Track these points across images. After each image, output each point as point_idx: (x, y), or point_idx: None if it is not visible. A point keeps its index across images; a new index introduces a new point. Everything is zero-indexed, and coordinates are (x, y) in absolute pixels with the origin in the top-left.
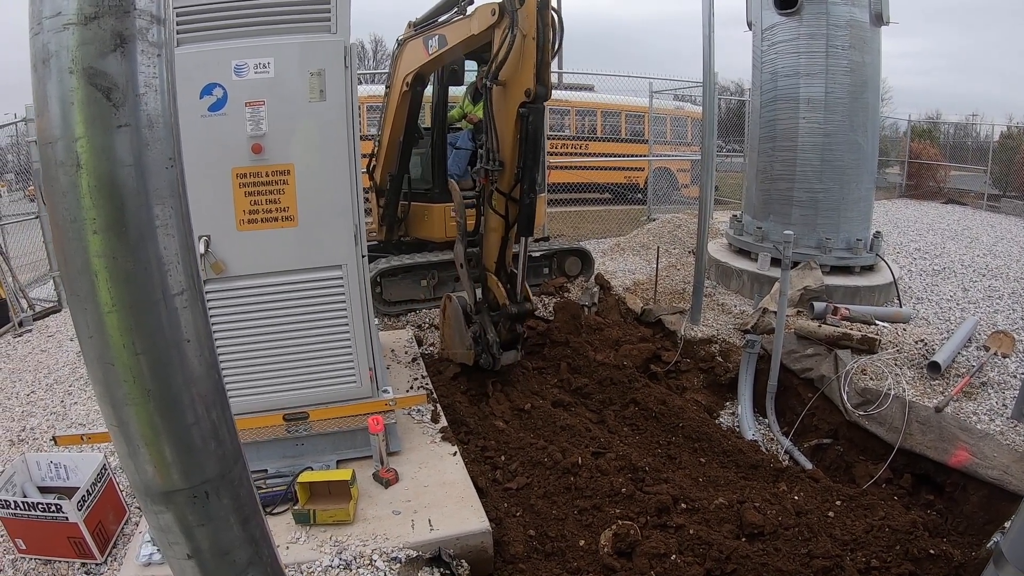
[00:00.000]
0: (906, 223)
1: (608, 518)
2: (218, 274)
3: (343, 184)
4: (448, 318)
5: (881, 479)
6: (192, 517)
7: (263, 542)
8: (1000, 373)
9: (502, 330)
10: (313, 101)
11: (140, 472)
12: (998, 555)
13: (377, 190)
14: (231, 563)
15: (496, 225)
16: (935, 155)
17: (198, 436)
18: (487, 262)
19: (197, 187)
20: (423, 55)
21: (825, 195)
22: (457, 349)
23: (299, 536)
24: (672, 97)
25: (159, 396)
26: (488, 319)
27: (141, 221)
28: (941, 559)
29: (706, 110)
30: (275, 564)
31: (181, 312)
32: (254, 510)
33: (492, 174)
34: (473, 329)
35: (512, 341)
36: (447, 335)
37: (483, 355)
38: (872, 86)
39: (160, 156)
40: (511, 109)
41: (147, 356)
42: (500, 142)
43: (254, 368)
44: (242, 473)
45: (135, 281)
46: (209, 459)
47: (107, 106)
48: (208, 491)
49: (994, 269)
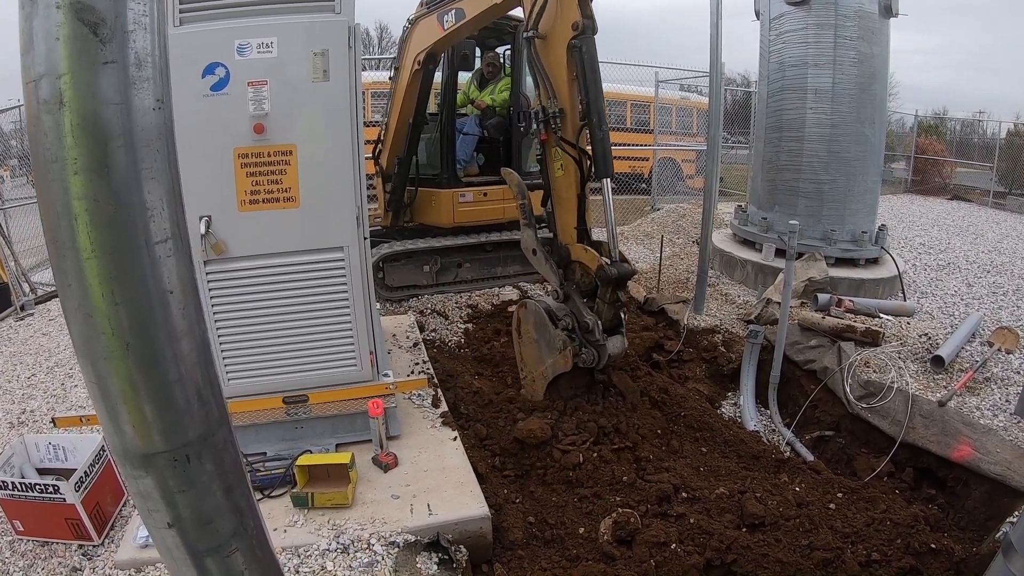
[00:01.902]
0: (911, 218)
1: (608, 506)
2: (219, 255)
3: (346, 165)
4: (526, 332)
5: (883, 472)
6: (173, 482)
7: (248, 512)
8: (1004, 369)
9: (601, 309)
10: (316, 81)
11: (119, 433)
12: (1007, 546)
13: (383, 175)
14: (214, 533)
15: (568, 186)
16: (941, 151)
17: (180, 395)
18: (565, 236)
19: (199, 167)
20: (437, 31)
21: (831, 186)
22: (545, 361)
23: (297, 519)
24: (678, 88)
25: (139, 350)
26: (581, 302)
27: (125, 163)
28: (942, 554)
29: (712, 98)
30: (261, 536)
31: (164, 261)
32: (239, 479)
33: (554, 123)
34: (563, 323)
35: (615, 325)
36: (528, 355)
37: (583, 349)
38: (880, 78)
39: (147, 97)
40: (559, 52)
41: (127, 306)
42: (555, 88)
43: (254, 350)
44: (227, 438)
45: (116, 226)
46: (191, 420)
47: (93, 42)
48: (190, 455)
49: (999, 265)
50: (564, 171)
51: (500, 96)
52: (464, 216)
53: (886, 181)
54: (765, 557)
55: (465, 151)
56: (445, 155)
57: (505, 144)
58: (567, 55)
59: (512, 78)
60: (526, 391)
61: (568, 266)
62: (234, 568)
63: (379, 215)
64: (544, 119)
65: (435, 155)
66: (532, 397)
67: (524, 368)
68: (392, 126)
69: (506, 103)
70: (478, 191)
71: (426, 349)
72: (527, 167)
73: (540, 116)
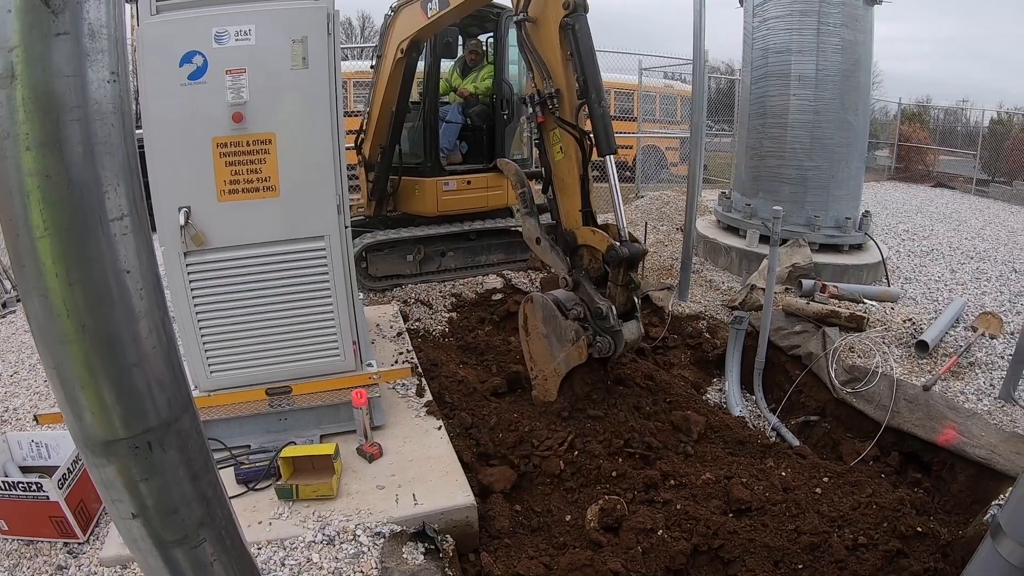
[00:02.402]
0: (895, 205)
1: (595, 493)
2: (199, 246)
3: (326, 153)
4: (534, 327)
5: (868, 457)
6: (135, 470)
7: (216, 501)
8: (988, 354)
9: (614, 293)
10: (295, 69)
11: (78, 420)
12: (995, 528)
13: (366, 164)
14: (180, 523)
15: (570, 168)
16: (925, 139)
17: (140, 379)
18: (569, 221)
19: (177, 157)
20: (421, 19)
21: (815, 173)
22: (557, 356)
23: (282, 512)
24: (662, 76)
25: (95, 332)
26: (592, 288)
27: (78, 138)
28: (928, 537)
29: (696, 84)
30: (231, 526)
31: (120, 239)
32: (205, 466)
33: (551, 103)
34: (574, 312)
35: (629, 309)
36: (538, 352)
37: (597, 338)
38: (864, 65)
39: (102, 69)
40: (552, 32)
41: (82, 287)
42: (549, 69)
43: (236, 341)
44: (191, 424)
45: (70, 203)
46: (153, 406)
47: (45, 12)
48: (151, 442)
49: (982, 252)
50: (564, 154)
51: (483, 84)
52: (448, 204)
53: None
54: (752, 542)
55: (448, 139)
56: (428, 143)
57: (488, 132)
58: (559, 35)
59: (495, 65)
60: (538, 392)
61: (575, 253)
62: (203, 559)
63: (362, 204)
64: (540, 101)
65: (418, 143)
66: (545, 398)
67: (534, 367)
68: (374, 115)
69: (489, 91)
70: (461, 179)
71: (410, 338)
72: (511, 154)
73: (535, 99)
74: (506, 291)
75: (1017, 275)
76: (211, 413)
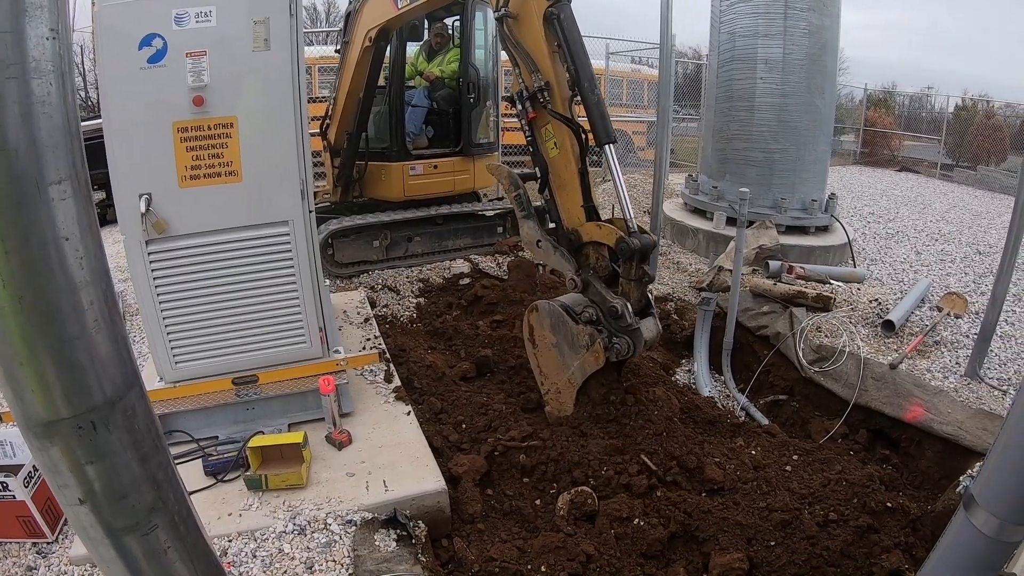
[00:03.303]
0: (860, 188)
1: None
2: (160, 233)
3: (288, 137)
4: (542, 337)
5: (837, 434)
6: (80, 452)
7: (168, 485)
8: (953, 333)
9: (627, 289)
10: (257, 51)
11: (19, 399)
12: (968, 499)
13: (331, 150)
14: (130, 509)
15: (567, 163)
16: (890, 124)
17: (83, 353)
18: (571, 219)
19: (137, 143)
20: (390, 9)
21: (781, 155)
22: (570, 365)
23: (252, 503)
24: (629, 60)
25: (34, 304)
26: (603, 287)
27: (15, 96)
28: (898, 512)
29: (663, 67)
30: (185, 510)
31: (58, 204)
32: (155, 447)
33: (542, 96)
34: (586, 315)
35: (644, 306)
36: (548, 364)
37: (614, 340)
38: (831, 49)
39: (40, 25)
40: (535, 26)
41: (18, 255)
42: (537, 63)
43: (201, 331)
44: (138, 403)
45: (5, 166)
46: (96, 382)
47: None
48: (96, 421)
49: (946, 234)
50: (559, 148)
51: (449, 67)
52: (415, 189)
53: (835, 153)
54: (725, 520)
55: (414, 123)
56: (394, 128)
57: (455, 116)
58: (544, 27)
59: (461, 49)
60: (551, 408)
61: (579, 252)
62: (156, 546)
63: (327, 191)
64: (530, 96)
65: (384, 128)
66: (561, 412)
67: (545, 381)
68: (341, 101)
69: (455, 74)
70: (428, 163)
71: (378, 325)
72: (477, 138)
73: (524, 95)
74: (473, 275)
75: (981, 256)
76: (177, 405)
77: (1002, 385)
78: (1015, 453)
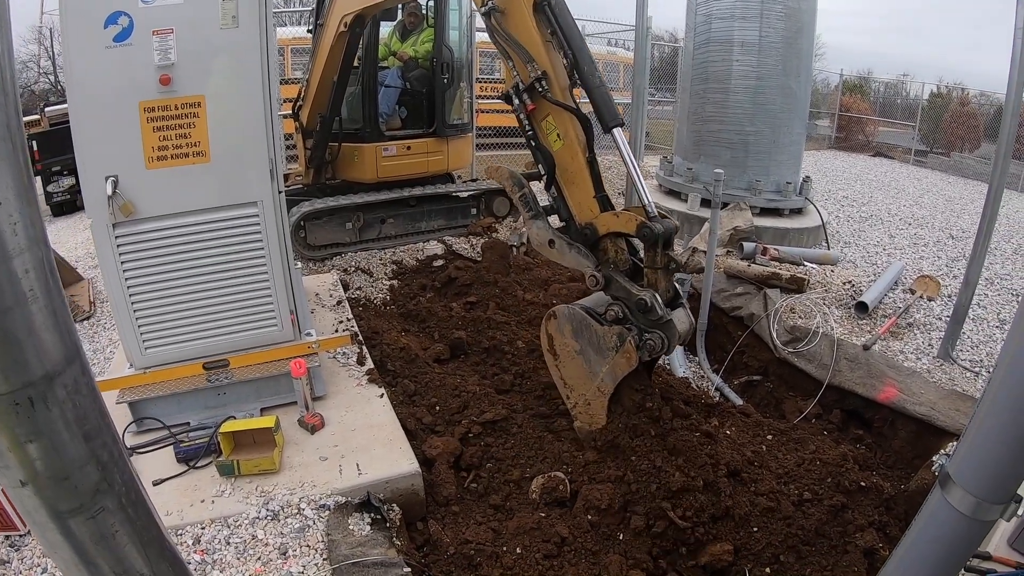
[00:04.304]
0: (835, 173)
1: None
2: (127, 216)
3: (257, 116)
4: (563, 345)
5: (811, 414)
6: (19, 431)
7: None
8: (926, 315)
9: (655, 279)
10: (225, 28)
11: None
12: (944, 477)
13: (304, 131)
14: (73, 490)
15: (574, 154)
16: (865, 110)
17: (18, 325)
18: (583, 213)
19: (103, 124)
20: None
21: (756, 138)
22: (599, 372)
23: (224, 489)
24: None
25: None
26: (627, 281)
27: None
28: (872, 491)
29: (638, 48)
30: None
31: None
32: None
33: (540, 86)
34: (611, 314)
35: (672, 296)
36: (572, 374)
37: (645, 336)
38: (807, 32)
39: None
40: (525, 17)
41: None
42: (531, 53)
43: (170, 315)
44: (80, 378)
45: None
46: (34, 355)
47: None
48: (33, 397)
49: (920, 219)
50: (564, 139)
51: (422, 47)
52: (388, 170)
53: (810, 137)
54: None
55: (387, 104)
56: (367, 108)
57: (428, 96)
58: (535, 17)
59: (435, 28)
60: (581, 421)
61: (596, 247)
62: (104, 530)
63: (300, 173)
64: (527, 87)
65: (357, 109)
66: (593, 425)
67: (571, 394)
68: (314, 83)
69: (428, 54)
70: (401, 144)
71: (351, 307)
72: (450, 119)
73: (520, 87)
74: (447, 257)
75: (954, 241)
76: (148, 391)
77: (974, 367)
78: (992, 430)
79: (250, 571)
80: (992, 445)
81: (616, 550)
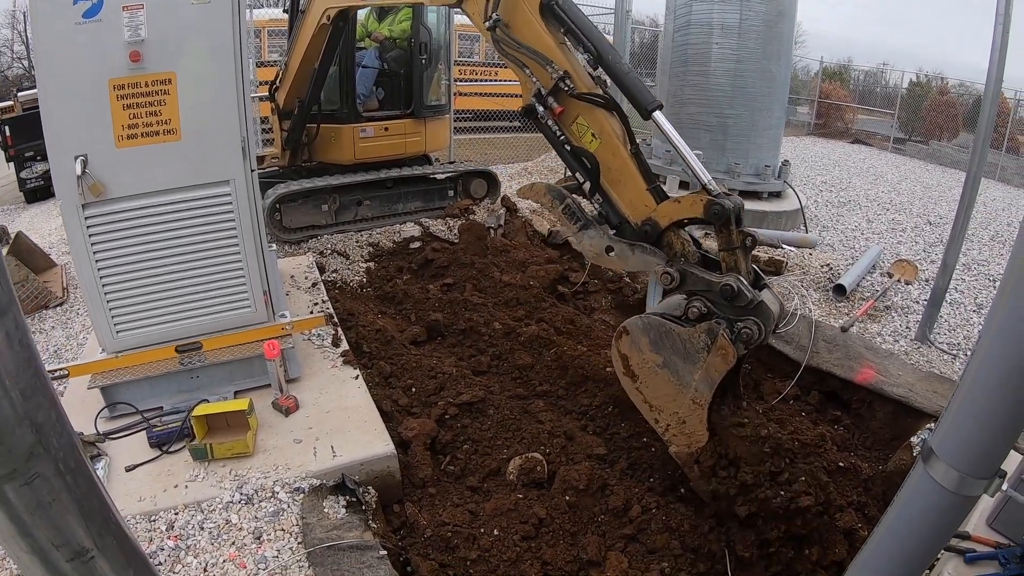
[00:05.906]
0: (814, 158)
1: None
2: (97, 196)
3: (229, 93)
4: (641, 363)
5: (789, 396)
6: None
7: (51, 427)
8: (904, 298)
9: (734, 261)
10: (197, 3)
11: None
12: (927, 452)
13: (280, 113)
14: (6, 453)
15: (615, 149)
16: (845, 97)
17: None
18: (637, 211)
19: (72, 102)
20: None
21: (735, 121)
22: (690, 382)
23: (198, 473)
24: None
25: None
26: (703, 271)
27: None
28: (850, 472)
29: (617, 31)
30: (73, 460)
31: None
32: (35, 384)
33: (565, 85)
34: (693, 310)
35: (754, 278)
36: (658, 392)
37: (738, 325)
38: (788, 16)
39: None
40: (532, 22)
41: None
42: (548, 56)
43: (142, 298)
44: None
45: None
46: None
47: None
48: None
49: (898, 204)
50: (601, 137)
51: (400, 27)
52: (365, 152)
53: (790, 123)
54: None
55: (365, 85)
56: (344, 89)
57: (406, 77)
58: (544, 21)
59: (412, 8)
60: (678, 446)
61: (658, 245)
62: (40, 497)
63: (276, 155)
64: (551, 91)
65: (334, 90)
66: (692, 446)
67: (661, 416)
68: (293, 67)
69: (406, 34)
70: (379, 126)
71: (327, 290)
72: (428, 100)
73: (543, 93)
74: (424, 239)
75: (931, 227)
76: (120, 375)
77: (952, 349)
78: (977, 403)
79: (224, 556)
80: (977, 418)
81: (594, 531)
